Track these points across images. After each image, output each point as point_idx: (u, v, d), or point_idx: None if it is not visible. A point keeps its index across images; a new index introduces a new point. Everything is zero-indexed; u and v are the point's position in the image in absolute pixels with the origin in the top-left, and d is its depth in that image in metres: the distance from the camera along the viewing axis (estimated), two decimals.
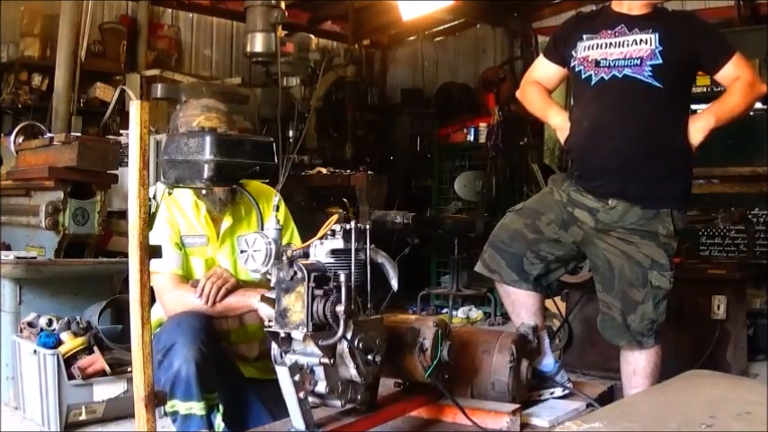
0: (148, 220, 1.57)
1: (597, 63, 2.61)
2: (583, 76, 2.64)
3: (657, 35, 2.52)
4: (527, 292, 2.64)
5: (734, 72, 2.55)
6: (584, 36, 2.66)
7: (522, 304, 2.65)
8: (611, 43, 2.60)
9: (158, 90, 5.84)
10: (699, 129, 2.54)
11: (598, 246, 2.60)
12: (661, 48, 2.51)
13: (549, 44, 2.90)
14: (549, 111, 2.79)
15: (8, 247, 4.22)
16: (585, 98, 2.67)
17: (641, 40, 2.54)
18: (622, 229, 2.55)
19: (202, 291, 2.34)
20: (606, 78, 2.59)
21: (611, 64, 2.58)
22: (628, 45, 2.56)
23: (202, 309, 2.35)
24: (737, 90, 2.54)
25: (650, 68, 2.51)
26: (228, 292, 2.35)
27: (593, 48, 2.63)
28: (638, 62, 2.53)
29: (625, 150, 2.55)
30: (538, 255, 2.63)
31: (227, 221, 2.55)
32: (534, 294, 2.65)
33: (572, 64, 2.69)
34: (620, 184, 2.55)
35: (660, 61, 2.51)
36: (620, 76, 2.56)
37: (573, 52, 2.67)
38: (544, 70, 2.84)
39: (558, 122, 2.74)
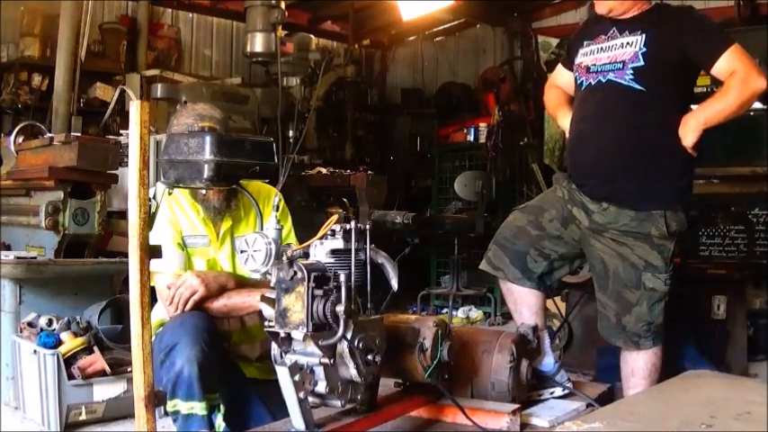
0: (148, 220, 1.57)
1: (588, 69, 2.63)
2: (577, 82, 2.69)
3: (644, 36, 2.50)
4: (530, 290, 2.65)
5: (728, 67, 2.44)
6: (585, 42, 2.68)
7: (524, 302, 2.65)
8: (601, 48, 2.61)
9: (158, 90, 5.83)
10: (689, 129, 2.48)
11: (594, 246, 2.61)
12: (645, 49, 2.49)
13: (565, 51, 2.96)
14: (558, 114, 2.86)
15: (8, 247, 4.22)
16: (577, 104, 2.72)
17: (627, 43, 2.53)
18: (616, 231, 2.55)
19: (171, 300, 2.34)
20: (593, 84, 2.61)
21: (599, 69, 2.59)
22: (615, 49, 2.56)
23: (205, 308, 2.36)
24: (730, 87, 2.43)
25: (632, 71, 2.50)
26: (196, 303, 2.34)
27: (587, 54, 2.66)
28: (621, 66, 2.52)
29: (606, 155, 2.55)
30: (541, 252, 2.63)
31: (226, 222, 2.55)
32: (537, 293, 2.66)
33: (574, 70, 2.72)
34: (608, 188, 2.55)
35: (642, 63, 2.49)
36: (604, 81, 2.56)
37: (575, 59, 2.71)
38: (560, 77, 2.92)
39: (565, 124, 2.79)
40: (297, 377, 1.69)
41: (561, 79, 2.90)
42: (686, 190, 2.63)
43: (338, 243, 1.82)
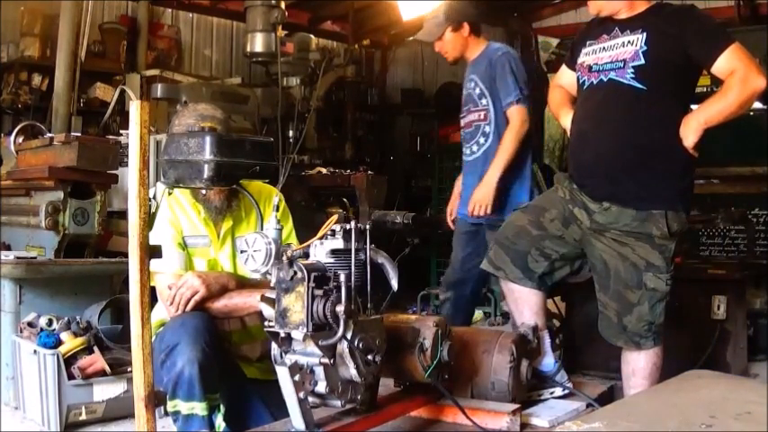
0: (148, 220, 1.57)
1: (590, 68, 2.63)
2: (579, 82, 2.69)
3: (645, 35, 2.50)
4: (531, 290, 2.64)
5: (728, 65, 2.43)
6: (588, 42, 2.68)
7: (525, 302, 2.65)
8: (603, 47, 2.61)
9: (158, 90, 5.83)
10: (690, 129, 2.47)
11: (595, 246, 2.61)
12: (646, 48, 2.48)
13: (568, 52, 2.95)
14: (561, 113, 2.86)
15: (8, 247, 4.22)
16: (579, 103, 2.72)
17: (628, 42, 2.53)
18: (617, 231, 2.55)
19: (172, 300, 2.34)
20: (595, 83, 2.60)
21: (600, 68, 2.59)
22: (616, 48, 2.56)
23: (206, 309, 2.36)
24: (729, 87, 2.42)
25: (632, 70, 2.50)
26: (197, 304, 2.34)
27: (589, 53, 2.65)
28: (622, 65, 2.52)
29: (607, 154, 2.55)
30: (542, 252, 2.63)
31: (227, 222, 2.55)
32: (538, 293, 2.66)
33: (576, 70, 2.72)
34: (609, 188, 2.55)
35: (642, 62, 2.48)
36: (605, 80, 2.56)
37: (577, 59, 2.71)
38: (564, 77, 2.92)
39: (566, 123, 2.79)
40: (297, 377, 1.69)
41: (564, 79, 2.90)
42: (687, 190, 2.62)
43: (338, 243, 1.83)
